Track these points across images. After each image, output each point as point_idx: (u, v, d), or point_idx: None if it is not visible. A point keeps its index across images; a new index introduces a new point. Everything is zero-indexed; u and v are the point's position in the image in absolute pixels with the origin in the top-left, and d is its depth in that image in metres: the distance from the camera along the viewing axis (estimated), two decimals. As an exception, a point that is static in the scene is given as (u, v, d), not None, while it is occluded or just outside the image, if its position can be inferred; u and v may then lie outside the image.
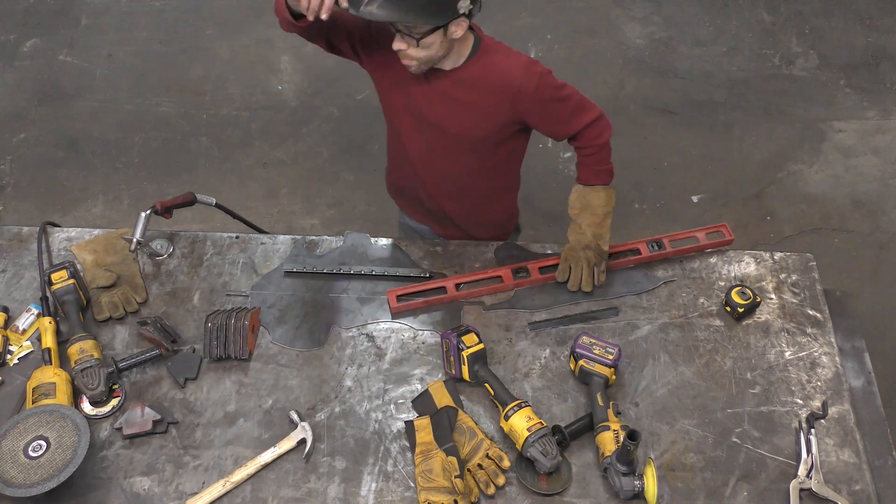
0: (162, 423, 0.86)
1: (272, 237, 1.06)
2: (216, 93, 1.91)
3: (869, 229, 1.63)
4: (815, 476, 0.81)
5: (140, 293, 0.98)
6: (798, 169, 1.74)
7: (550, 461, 0.79)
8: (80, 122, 1.85)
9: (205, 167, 1.77)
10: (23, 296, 0.98)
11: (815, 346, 0.93)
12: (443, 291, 0.96)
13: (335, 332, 0.95)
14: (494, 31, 0.93)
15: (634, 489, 0.78)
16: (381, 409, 0.88)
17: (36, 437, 0.79)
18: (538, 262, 0.98)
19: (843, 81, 1.90)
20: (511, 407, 0.82)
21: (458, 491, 0.78)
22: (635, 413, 0.87)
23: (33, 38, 2.05)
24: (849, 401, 0.88)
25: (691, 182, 1.72)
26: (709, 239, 1.01)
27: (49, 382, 0.85)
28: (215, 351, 0.90)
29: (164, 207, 1.00)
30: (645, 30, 2.03)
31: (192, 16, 2.09)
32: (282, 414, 0.87)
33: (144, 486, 0.82)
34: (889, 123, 1.82)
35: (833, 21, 2.03)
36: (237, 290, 0.99)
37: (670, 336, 0.94)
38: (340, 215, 1.68)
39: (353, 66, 1.02)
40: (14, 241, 1.04)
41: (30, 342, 0.93)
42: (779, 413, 0.87)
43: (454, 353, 0.88)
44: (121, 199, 1.71)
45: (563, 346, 0.93)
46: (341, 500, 0.81)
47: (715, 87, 1.90)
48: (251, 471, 0.82)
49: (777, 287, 0.99)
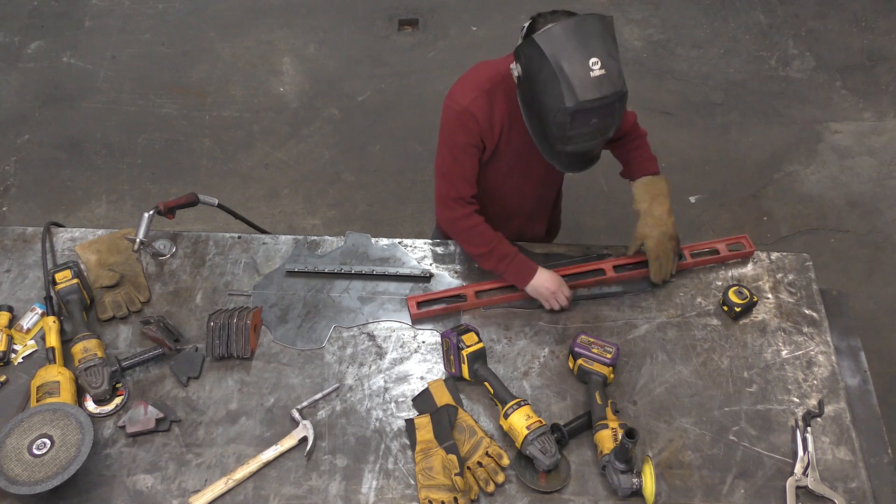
0: (165, 421, 0.86)
1: (274, 237, 1.07)
2: (218, 94, 1.92)
3: (865, 229, 1.64)
4: (811, 474, 0.82)
5: (143, 293, 0.99)
6: (794, 170, 1.75)
7: (549, 459, 0.80)
8: (84, 123, 1.87)
9: (207, 168, 1.78)
10: (27, 295, 0.99)
11: (812, 345, 0.94)
12: (462, 299, 0.96)
13: (336, 331, 0.95)
14: (494, 33, 0.94)
15: (633, 487, 0.79)
16: (382, 407, 0.89)
17: (40, 435, 0.80)
18: (559, 270, 0.96)
19: (839, 83, 1.90)
20: (510, 405, 0.83)
21: (458, 488, 0.79)
22: (633, 411, 0.88)
23: (37, 40, 2.06)
24: (845, 399, 0.89)
25: (689, 183, 1.73)
26: (730, 250, 1.01)
27: (53, 381, 0.86)
28: (218, 350, 0.91)
29: (167, 208, 1.00)
30: (643, 32, 2.04)
31: (195, 18, 2.10)
32: (283, 412, 0.88)
33: (147, 484, 0.83)
34: (884, 125, 1.82)
35: (829, 23, 2.04)
36: (239, 290, 0.99)
37: (668, 335, 0.95)
38: (341, 215, 1.68)
39: (353, 68, 1.02)
40: (18, 242, 1.05)
41: (34, 341, 0.94)
42: (775, 411, 0.88)
43: (454, 352, 0.89)
44: (124, 199, 1.72)
45: (562, 345, 0.94)
46: (342, 497, 0.82)
47: (712, 88, 1.91)
48: (253, 468, 0.83)
49: (774, 287, 0.99)
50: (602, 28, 0.75)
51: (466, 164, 0.89)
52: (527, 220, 1.05)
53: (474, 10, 2.08)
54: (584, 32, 0.74)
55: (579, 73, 0.73)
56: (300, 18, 2.09)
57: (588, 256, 1.00)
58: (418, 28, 2.05)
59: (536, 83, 0.76)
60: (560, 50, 0.73)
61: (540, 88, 0.76)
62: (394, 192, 1.72)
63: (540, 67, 0.75)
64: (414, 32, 2.04)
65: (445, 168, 0.90)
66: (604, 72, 0.73)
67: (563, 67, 0.73)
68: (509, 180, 0.96)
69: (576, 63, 0.73)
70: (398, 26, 2.05)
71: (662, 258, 0.95)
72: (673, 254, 0.95)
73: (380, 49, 2.00)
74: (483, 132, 0.87)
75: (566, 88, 0.73)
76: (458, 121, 0.86)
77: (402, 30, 2.05)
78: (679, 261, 0.95)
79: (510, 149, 0.90)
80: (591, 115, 0.75)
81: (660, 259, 0.95)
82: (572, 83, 0.73)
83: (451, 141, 0.88)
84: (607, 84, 0.74)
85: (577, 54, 0.73)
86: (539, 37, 0.74)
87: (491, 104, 0.85)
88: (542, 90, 0.75)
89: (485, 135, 0.87)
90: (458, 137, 0.87)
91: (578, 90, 0.73)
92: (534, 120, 0.80)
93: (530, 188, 0.99)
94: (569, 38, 0.73)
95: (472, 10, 2.08)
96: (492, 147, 0.89)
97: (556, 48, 0.73)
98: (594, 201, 1.60)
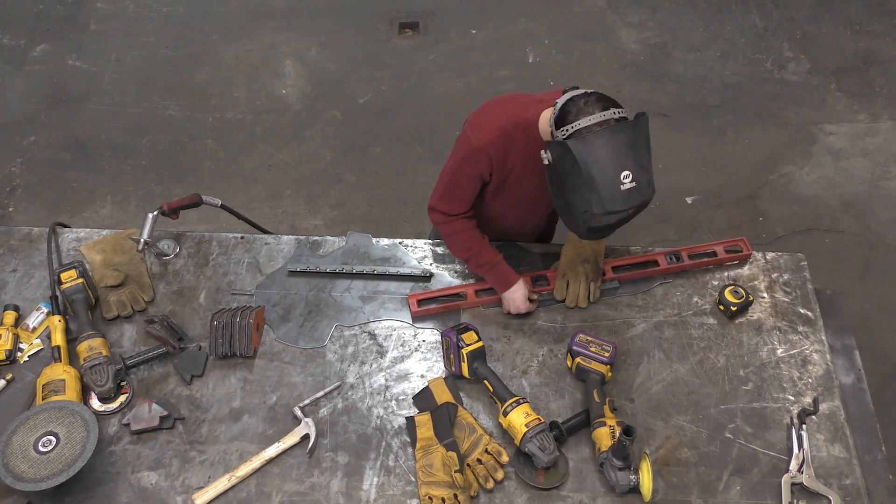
0: (169, 418, 0.87)
1: (276, 237, 1.08)
2: (221, 96, 1.93)
3: (859, 230, 1.65)
4: (806, 470, 0.83)
5: (147, 292, 1.00)
6: (790, 171, 1.76)
7: (548, 456, 0.81)
8: (89, 125, 1.88)
9: (210, 169, 1.79)
10: (33, 295, 1.00)
11: (807, 344, 0.95)
12: (462, 297, 0.97)
13: (338, 330, 0.96)
14: (493, 36, 0.95)
15: (630, 483, 0.80)
16: (383, 405, 0.89)
17: (46, 432, 0.80)
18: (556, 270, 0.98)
19: (833, 85, 1.92)
20: (509, 403, 0.84)
21: (458, 485, 0.80)
22: (631, 409, 0.89)
23: (43, 43, 2.07)
24: (839, 397, 0.90)
25: (685, 184, 1.74)
26: (727, 252, 1.01)
27: (58, 379, 0.87)
28: (221, 348, 0.92)
29: (170, 208, 1.01)
30: (640, 35, 2.06)
31: (198, 21, 2.12)
32: (285, 410, 0.89)
33: (152, 481, 0.83)
34: (878, 126, 1.83)
35: (824, 26, 2.06)
36: (242, 289, 1.00)
37: (665, 334, 0.96)
38: (343, 216, 1.69)
39: (355, 70, 1.04)
40: (24, 242, 1.06)
41: (40, 340, 0.95)
42: (771, 409, 0.88)
43: (454, 351, 0.90)
44: (128, 200, 1.73)
45: (561, 344, 0.95)
46: (344, 494, 0.82)
47: (709, 90, 1.92)
48: (256, 465, 0.84)
49: (769, 286, 1.01)
50: (635, 136, 0.74)
51: (465, 189, 0.90)
52: (526, 237, 1.06)
53: (474, 13, 2.10)
54: (619, 142, 0.73)
55: (610, 187, 0.73)
56: (302, 22, 2.11)
57: None
58: (419, 31, 2.07)
59: (566, 181, 0.76)
60: (593, 160, 0.73)
61: (569, 188, 0.76)
62: (394, 192, 1.73)
63: (571, 169, 0.74)
64: (414, 35, 2.05)
65: (447, 179, 0.91)
66: (634, 185, 0.73)
67: (594, 178, 0.73)
68: (515, 210, 0.97)
69: (608, 176, 0.73)
70: (399, 29, 2.07)
71: (570, 278, 0.95)
72: (585, 278, 0.94)
73: (380, 52, 2.01)
74: (493, 169, 0.87)
75: (595, 197, 0.73)
76: (473, 154, 0.86)
77: (403, 33, 2.06)
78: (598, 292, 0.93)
79: (520, 188, 0.90)
80: (616, 216, 0.76)
81: (566, 278, 0.95)
82: (602, 194, 0.73)
83: (459, 166, 0.88)
84: (636, 196, 0.74)
85: (610, 166, 0.72)
86: (573, 143, 0.73)
87: (507, 148, 0.85)
88: (571, 189, 0.76)
89: (495, 171, 0.88)
90: (466, 168, 0.87)
91: (607, 202, 0.73)
92: (559, 200, 0.80)
93: (536, 217, 1.00)
94: (603, 149, 0.73)
95: (472, 14, 2.10)
96: (499, 181, 0.89)
97: (590, 158, 0.73)
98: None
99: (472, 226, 0.93)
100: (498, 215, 0.97)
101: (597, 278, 0.96)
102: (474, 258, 0.93)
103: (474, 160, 0.86)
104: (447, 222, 0.93)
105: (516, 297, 0.93)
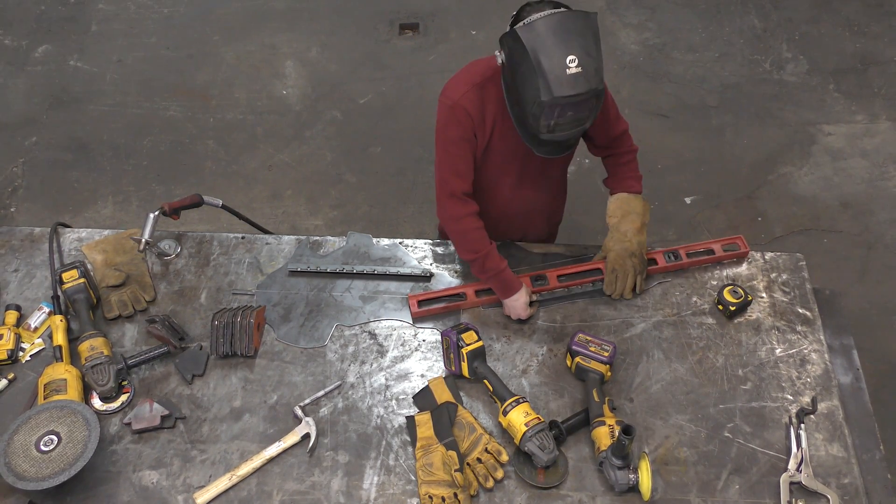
0: (170, 418, 0.88)
1: (277, 237, 1.08)
2: (222, 97, 1.94)
3: (857, 230, 1.65)
4: (804, 470, 0.83)
5: (148, 292, 1.00)
6: (788, 171, 1.76)
7: (547, 455, 0.81)
8: (90, 125, 1.88)
9: (211, 169, 1.80)
10: (35, 294, 1.00)
11: (805, 344, 0.95)
12: (462, 297, 0.97)
13: (338, 329, 0.97)
14: (493, 36, 0.96)
15: (629, 482, 0.80)
16: (383, 404, 0.90)
17: (47, 431, 0.81)
18: (556, 270, 0.99)
19: (832, 86, 1.92)
20: (509, 403, 0.84)
21: (458, 484, 0.80)
22: (630, 409, 0.89)
23: (45, 44, 2.08)
24: (837, 396, 0.90)
25: (684, 184, 1.75)
26: (725, 251, 1.02)
27: (60, 379, 0.87)
28: (222, 348, 0.92)
29: (171, 209, 1.02)
30: (639, 36, 2.06)
31: (199, 22, 2.12)
32: (286, 409, 0.89)
33: (153, 480, 0.84)
34: (877, 127, 1.84)
35: (822, 27, 2.06)
36: (243, 289, 1.01)
37: (664, 334, 0.96)
38: (343, 216, 1.70)
39: (355, 71, 1.04)
40: (26, 242, 1.06)
41: (41, 339, 0.96)
42: (769, 408, 0.89)
43: (454, 351, 0.90)
44: (130, 200, 1.73)
45: (560, 344, 0.95)
46: (344, 493, 0.83)
47: (707, 91, 1.93)
48: (257, 465, 0.84)
49: (768, 286, 1.01)
50: (584, 25, 0.75)
51: (458, 158, 0.89)
52: (527, 221, 1.06)
53: (474, 14, 2.11)
54: (566, 28, 0.74)
55: (556, 70, 0.73)
56: (303, 23, 2.11)
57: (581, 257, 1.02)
58: (419, 32, 2.07)
59: (517, 74, 0.76)
60: (540, 44, 0.73)
61: (520, 80, 0.76)
62: (395, 192, 1.74)
63: (520, 59, 0.75)
64: (414, 36, 2.06)
65: (439, 164, 0.90)
66: (580, 70, 0.73)
67: (541, 62, 0.73)
68: (506, 179, 0.96)
69: (553, 59, 0.73)
70: (399, 30, 2.07)
71: (619, 272, 0.96)
72: (633, 271, 0.95)
73: (381, 52, 2.02)
74: (475, 126, 0.87)
75: (542, 83, 0.73)
76: (451, 115, 0.86)
77: (403, 34, 2.07)
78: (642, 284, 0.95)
79: (503, 143, 0.90)
80: (567, 109, 0.75)
81: (616, 272, 0.96)
82: (548, 79, 0.73)
83: (444, 136, 0.88)
84: (583, 82, 0.74)
85: (556, 51, 0.73)
86: (521, 29, 0.74)
87: (482, 98, 0.85)
88: (521, 81, 0.76)
89: (477, 128, 0.87)
90: (450, 131, 0.87)
91: (554, 86, 0.73)
92: (514, 107, 0.81)
93: (528, 190, 1.00)
94: (549, 34, 0.73)
95: (472, 15, 2.10)
96: (484, 141, 0.89)
97: (537, 42, 0.73)
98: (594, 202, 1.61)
99: (482, 226, 0.93)
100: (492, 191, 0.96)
101: (643, 271, 0.97)
102: (481, 261, 0.93)
103: (454, 120, 0.86)
104: (458, 218, 0.92)
105: (517, 304, 0.94)
